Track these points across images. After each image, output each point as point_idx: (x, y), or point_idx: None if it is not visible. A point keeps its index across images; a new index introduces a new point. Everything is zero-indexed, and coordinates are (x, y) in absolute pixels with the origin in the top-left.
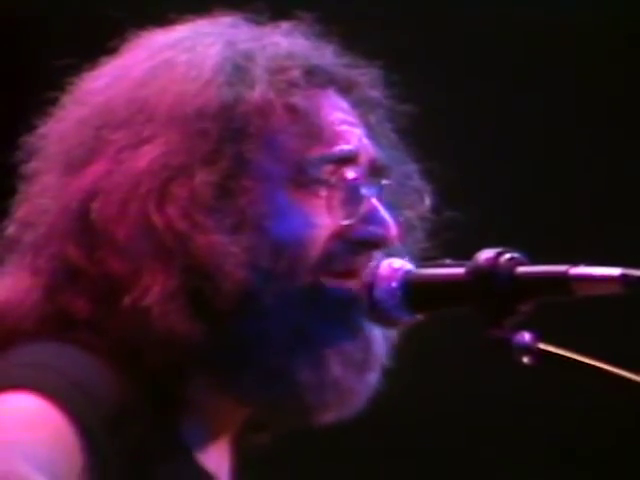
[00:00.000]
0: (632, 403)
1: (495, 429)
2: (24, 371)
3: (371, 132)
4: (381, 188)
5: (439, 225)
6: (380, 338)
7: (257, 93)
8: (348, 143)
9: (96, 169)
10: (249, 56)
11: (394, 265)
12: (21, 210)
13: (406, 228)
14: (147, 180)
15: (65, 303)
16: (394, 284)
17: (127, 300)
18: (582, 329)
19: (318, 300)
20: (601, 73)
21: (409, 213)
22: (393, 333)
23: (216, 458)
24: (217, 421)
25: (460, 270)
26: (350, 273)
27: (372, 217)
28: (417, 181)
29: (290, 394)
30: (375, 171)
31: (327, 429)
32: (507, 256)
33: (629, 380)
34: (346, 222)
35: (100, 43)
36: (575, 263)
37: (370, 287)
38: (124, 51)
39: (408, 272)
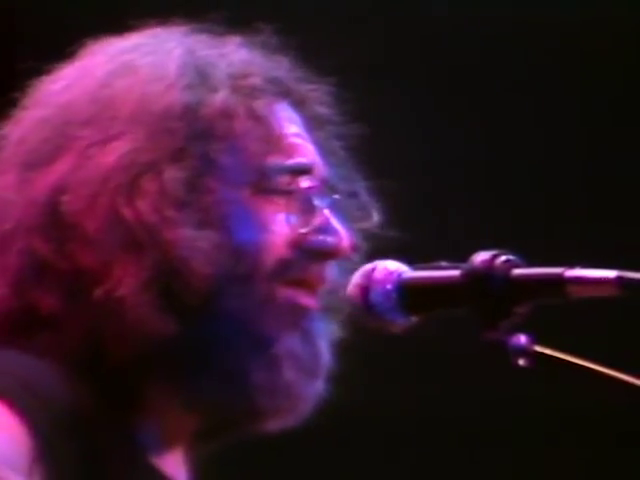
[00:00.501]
0: (629, 405)
1: (494, 431)
2: None
3: (320, 149)
4: (333, 202)
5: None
6: (326, 348)
7: (220, 97)
8: (304, 156)
9: (63, 164)
10: (210, 62)
11: (389, 268)
12: None
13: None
14: (117, 175)
15: (33, 299)
16: (389, 286)
17: (99, 292)
18: (578, 331)
19: (272, 306)
20: (597, 70)
21: (357, 227)
22: (336, 343)
23: (173, 465)
24: (170, 428)
25: (456, 272)
26: (304, 282)
27: (326, 228)
28: (365, 199)
29: (243, 396)
30: (327, 187)
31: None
32: (503, 258)
33: (626, 382)
34: (302, 230)
35: (59, 48)
36: (571, 265)
37: (365, 290)
38: (82, 56)
39: (403, 274)
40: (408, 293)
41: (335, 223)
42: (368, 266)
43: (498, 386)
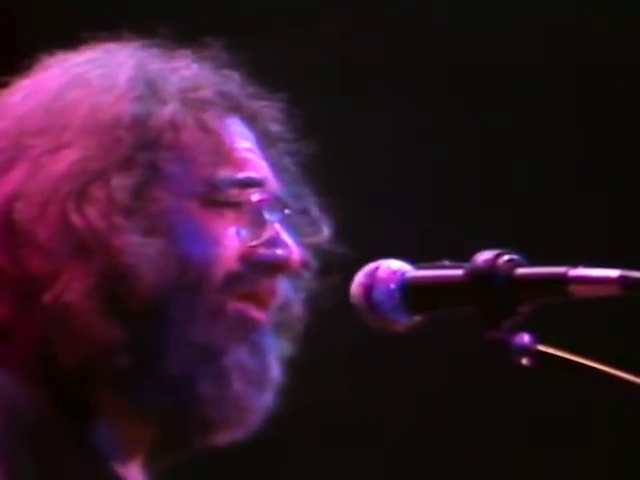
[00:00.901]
0: (632, 404)
1: (494, 431)
2: None
3: (272, 165)
4: (283, 217)
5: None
6: (275, 360)
7: (169, 108)
8: (255, 170)
9: (17, 173)
10: (160, 75)
11: (392, 267)
12: None
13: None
14: (66, 182)
15: None
16: (392, 286)
17: (48, 297)
18: (581, 330)
19: (220, 319)
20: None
21: (306, 241)
22: (285, 356)
23: (135, 475)
24: (126, 436)
25: (459, 272)
26: (254, 296)
27: (277, 241)
28: (316, 214)
29: (189, 407)
30: (278, 202)
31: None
32: (505, 258)
33: (629, 381)
34: (252, 244)
35: (13, 61)
36: (574, 264)
37: (368, 289)
38: (38, 70)
39: (406, 274)
40: (411, 292)
41: (285, 237)
42: (371, 265)
43: (498, 386)
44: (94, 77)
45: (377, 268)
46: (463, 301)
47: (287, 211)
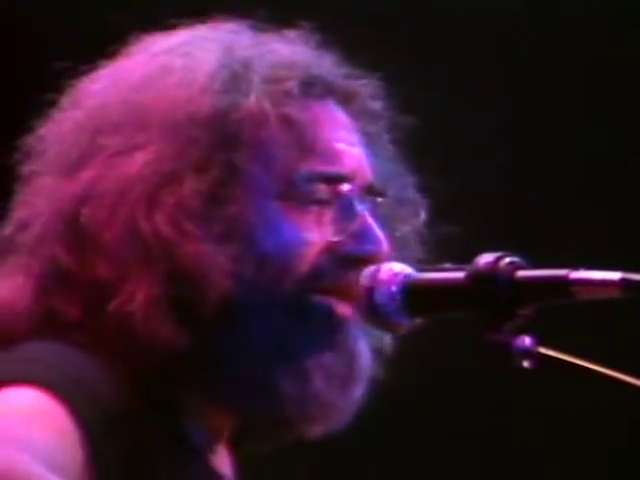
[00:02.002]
0: (633, 407)
1: (495, 431)
2: (22, 366)
3: (369, 144)
4: (375, 205)
5: (436, 238)
6: (366, 351)
7: (252, 101)
8: (344, 165)
9: (89, 173)
10: (246, 63)
11: (394, 269)
12: (18, 212)
13: (400, 243)
14: (137, 186)
15: (56, 306)
16: (394, 288)
17: (112, 306)
18: (582, 333)
19: (303, 315)
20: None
21: (403, 227)
22: (381, 345)
23: (221, 461)
24: (211, 425)
25: (460, 274)
26: (338, 290)
27: (364, 234)
28: (413, 195)
29: (271, 406)
30: (371, 191)
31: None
32: (507, 260)
33: (630, 384)
34: (335, 238)
35: (100, 46)
36: (575, 267)
37: (370, 291)
38: (123, 55)
39: (408, 276)
40: (413, 295)
41: (374, 229)
42: (373, 267)
43: (499, 388)
44: (176, 68)
45: (378, 270)
46: (464, 304)
47: (379, 199)
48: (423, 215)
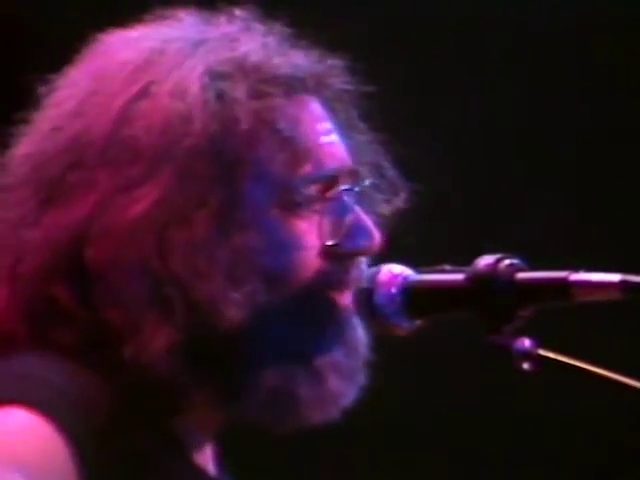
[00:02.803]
0: (632, 408)
1: (496, 432)
2: (12, 384)
3: (341, 126)
4: (360, 193)
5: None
6: (363, 336)
7: (243, 124)
8: (332, 157)
9: (85, 207)
10: (229, 79)
11: (393, 271)
12: None
13: (385, 224)
14: (144, 226)
15: (47, 330)
16: (393, 290)
17: (127, 352)
18: (582, 335)
19: (311, 317)
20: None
21: (385, 208)
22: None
23: (204, 455)
24: (203, 423)
25: (460, 276)
26: (341, 287)
27: (357, 229)
28: (392, 176)
29: (292, 413)
30: (354, 176)
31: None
32: (506, 262)
33: (629, 386)
34: (332, 242)
35: (63, 48)
36: (575, 269)
37: (369, 293)
38: (94, 56)
39: (407, 278)
40: (412, 296)
41: (366, 221)
42: (372, 269)
43: (499, 389)
44: (162, 93)
45: (378, 271)
46: (464, 305)
47: (364, 183)
48: (403, 194)
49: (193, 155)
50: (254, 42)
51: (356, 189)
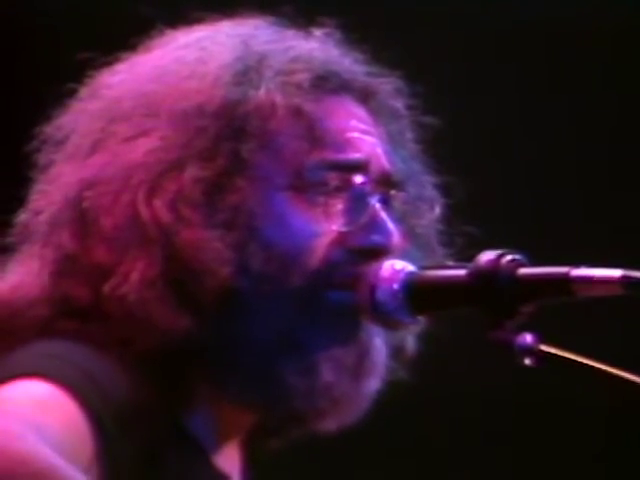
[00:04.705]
0: (633, 404)
1: (497, 431)
2: (37, 360)
3: (389, 142)
4: (389, 197)
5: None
6: (380, 344)
7: (262, 93)
8: (358, 151)
9: (97, 160)
10: (261, 57)
11: (396, 267)
12: (34, 200)
13: (414, 238)
14: (140, 172)
15: (67, 290)
16: (396, 286)
17: (107, 287)
18: (584, 330)
19: (312, 307)
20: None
21: (419, 223)
22: (397, 339)
23: (227, 460)
24: (223, 422)
25: (462, 272)
26: (349, 282)
27: (375, 225)
28: (430, 192)
29: (279, 398)
30: (386, 181)
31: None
32: (508, 258)
33: (631, 382)
34: (345, 229)
35: (123, 39)
36: (576, 264)
37: (372, 289)
38: (143, 48)
39: (410, 274)
40: (414, 292)
41: (385, 220)
42: (375, 265)
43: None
44: (190, 61)
45: (380, 267)
46: (466, 301)
47: (393, 191)
48: (438, 212)
49: (204, 112)
50: (303, 40)
51: (382, 191)
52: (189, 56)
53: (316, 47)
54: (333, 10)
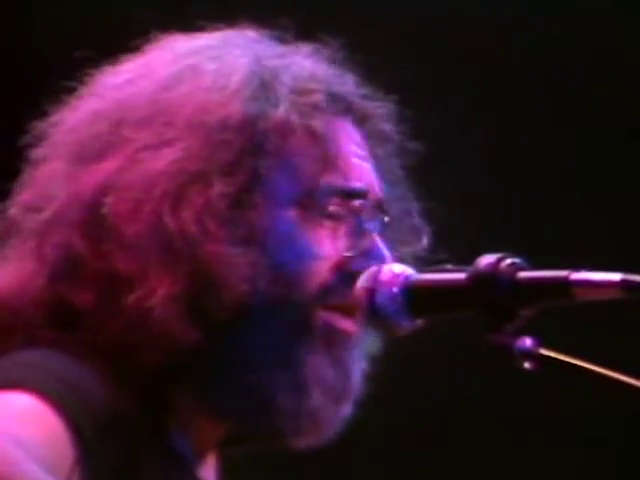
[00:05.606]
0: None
1: (498, 430)
2: (18, 371)
3: (378, 166)
4: (383, 225)
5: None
6: (358, 370)
7: (280, 112)
8: (360, 179)
9: (112, 164)
10: (275, 73)
11: (395, 270)
12: (25, 194)
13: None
14: (164, 182)
15: (67, 293)
16: (395, 289)
17: (131, 299)
18: (583, 334)
19: (306, 329)
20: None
21: (405, 250)
22: (369, 365)
23: (206, 470)
24: (202, 434)
25: (461, 275)
26: (344, 306)
27: (372, 252)
28: (416, 219)
29: (264, 415)
30: (379, 207)
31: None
32: (508, 261)
33: (631, 385)
34: (347, 254)
35: (122, 40)
36: (576, 268)
37: (371, 292)
38: (147, 51)
39: (409, 277)
40: (414, 296)
41: (382, 248)
42: (374, 268)
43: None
44: (207, 71)
45: (380, 271)
46: (465, 305)
47: (387, 219)
48: (425, 241)
49: (226, 127)
50: (305, 56)
51: (379, 219)
52: (204, 65)
53: (317, 65)
54: (328, 25)
